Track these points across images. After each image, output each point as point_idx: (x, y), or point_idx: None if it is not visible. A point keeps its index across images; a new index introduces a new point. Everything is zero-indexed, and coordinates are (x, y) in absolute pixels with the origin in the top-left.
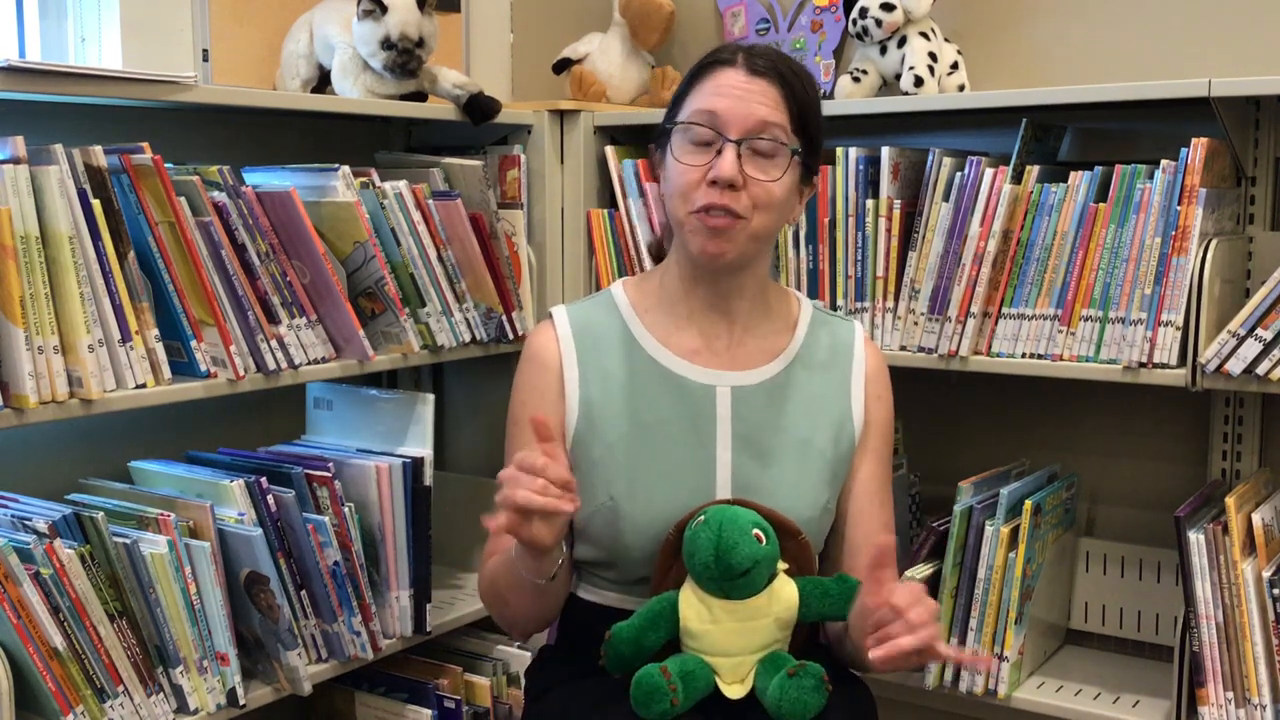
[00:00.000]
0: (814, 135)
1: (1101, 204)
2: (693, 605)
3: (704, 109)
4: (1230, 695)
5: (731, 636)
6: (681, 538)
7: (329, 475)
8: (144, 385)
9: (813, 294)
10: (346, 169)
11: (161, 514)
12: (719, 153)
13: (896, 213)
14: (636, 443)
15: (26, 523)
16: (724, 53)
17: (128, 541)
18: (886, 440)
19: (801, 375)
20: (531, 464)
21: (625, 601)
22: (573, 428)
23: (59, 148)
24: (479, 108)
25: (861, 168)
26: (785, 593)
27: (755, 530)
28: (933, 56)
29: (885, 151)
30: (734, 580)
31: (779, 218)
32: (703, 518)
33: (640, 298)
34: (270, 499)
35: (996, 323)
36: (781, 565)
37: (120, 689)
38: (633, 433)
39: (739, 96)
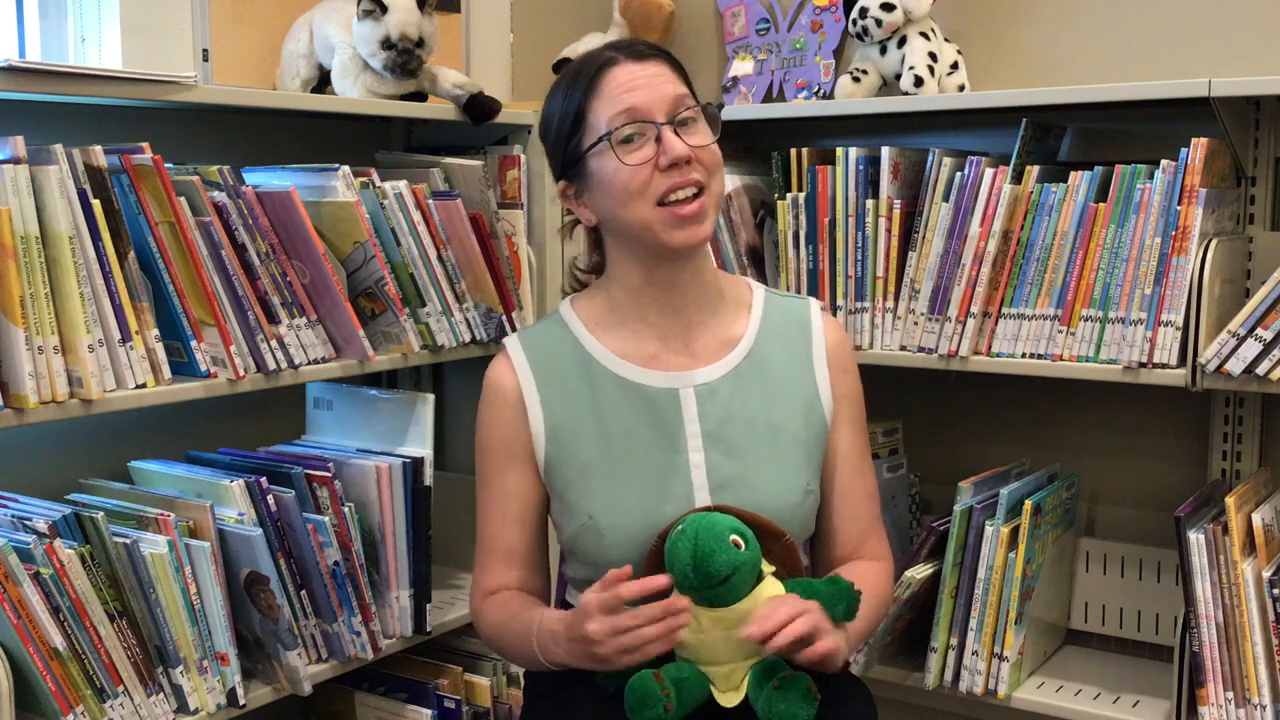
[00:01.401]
0: (695, 92)
1: (1101, 204)
2: None
3: (620, 110)
4: (1230, 695)
5: (720, 644)
6: (664, 550)
7: (329, 475)
8: (144, 385)
9: (813, 293)
10: (346, 169)
11: (161, 514)
12: (657, 140)
13: (896, 213)
14: (609, 458)
15: (26, 523)
16: (599, 60)
17: (128, 541)
18: (858, 408)
19: (763, 361)
20: (616, 604)
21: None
22: (543, 453)
23: (59, 148)
24: (479, 108)
25: (861, 168)
26: (772, 595)
27: (733, 536)
28: (933, 56)
29: (885, 151)
30: (715, 588)
31: (724, 179)
32: (680, 527)
33: (590, 313)
34: (270, 499)
35: (996, 323)
36: (768, 568)
37: (120, 689)
38: (604, 449)
39: (644, 84)
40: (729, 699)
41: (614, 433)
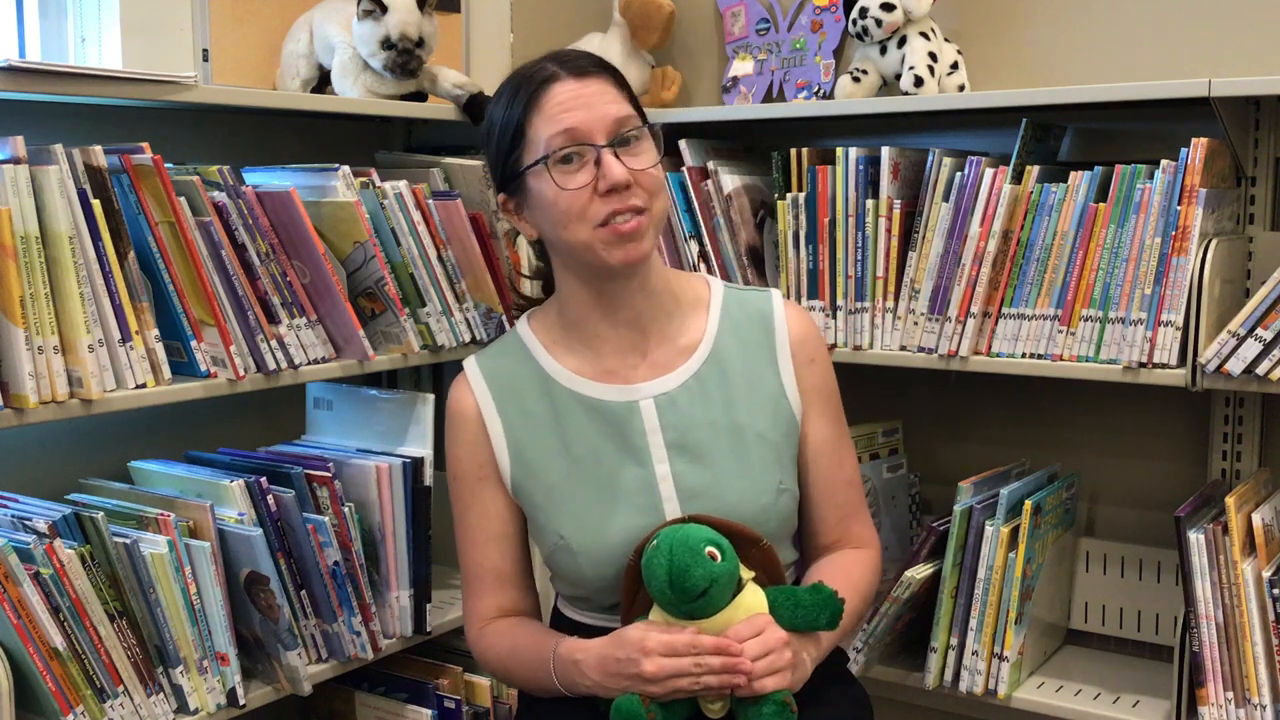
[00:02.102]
0: (641, 108)
1: (1101, 204)
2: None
3: (559, 131)
4: (1230, 695)
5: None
6: (640, 565)
7: (329, 475)
8: (144, 385)
9: (813, 294)
10: (346, 169)
11: (161, 514)
12: (597, 163)
13: (896, 213)
14: (575, 478)
15: (26, 523)
16: (540, 72)
17: (128, 541)
18: (831, 398)
19: (724, 362)
20: (683, 649)
21: (607, 621)
22: (508, 475)
23: (59, 148)
24: (479, 108)
25: (861, 168)
26: (753, 604)
27: (709, 548)
28: (933, 56)
29: (885, 151)
30: (693, 602)
31: (667, 198)
32: (655, 542)
33: (545, 331)
34: (270, 499)
35: (996, 323)
36: (748, 574)
37: (120, 689)
38: (569, 469)
39: (584, 104)
40: (715, 710)
41: (578, 452)
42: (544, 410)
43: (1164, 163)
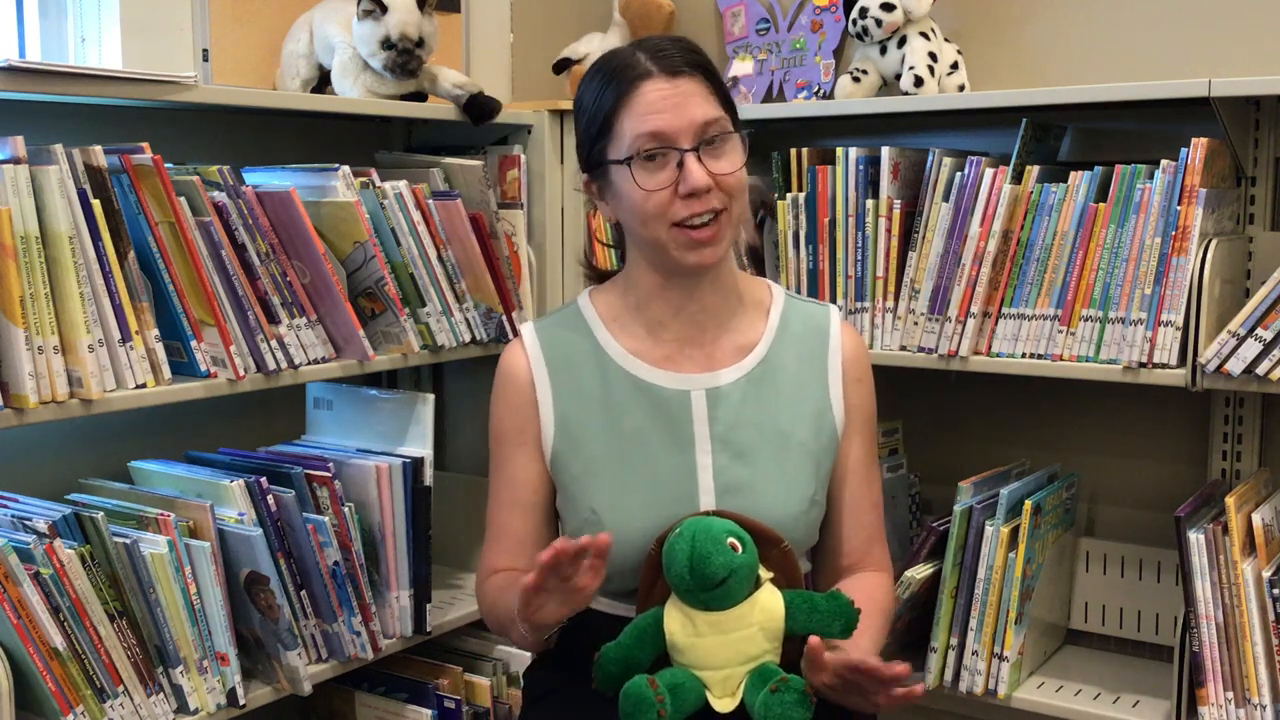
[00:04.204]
0: (733, 103)
1: (1101, 204)
2: (676, 619)
3: (646, 132)
4: (1230, 695)
5: (716, 649)
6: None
7: (329, 475)
8: (144, 385)
9: (813, 294)
10: (346, 169)
11: (161, 514)
12: (680, 165)
13: (896, 213)
14: (616, 455)
15: (26, 523)
16: (635, 66)
17: (128, 541)
18: (869, 420)
19: (777, 367)
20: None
21: (623, 609)
22: (550, 444)
23: (59, 148)
24: (479, 108)
25: (861, 168)
26: (769, 603)
27: (730, 539)
28: (933, 56)
29: (885, 151)
30: (711, 590)
31: (746, 197)
32: (678, 530)
33: (607, 308)
34: (270, 499)
35: (996, 323)
36: (767, 575)
37: (120, 689)
38: (611, 445)
39: (673, 105)
40: (724, 704)
41: (623, 430)
42: (595, 385)
43: (1164, 163)
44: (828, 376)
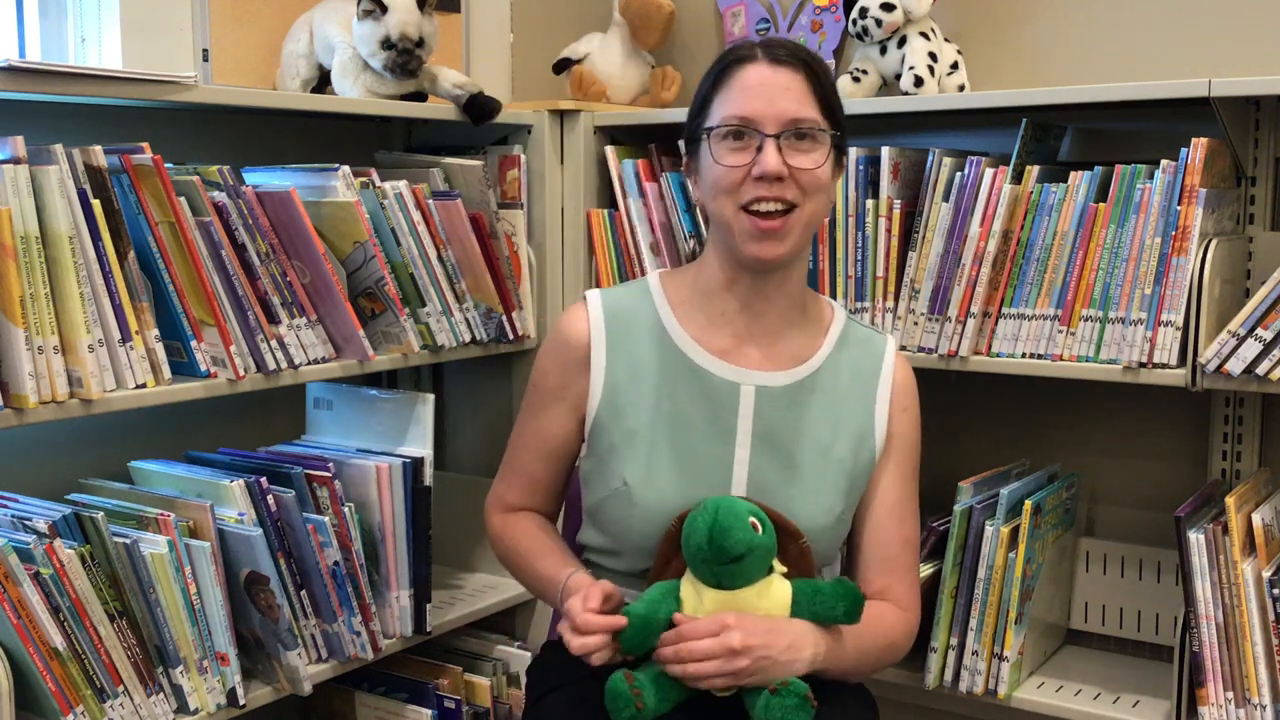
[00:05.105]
0: (840, 117)
1: (1101, 204)
2: (686, 593)
3: (734, 113)
4: (1230, 695)
5: None
6: (682, 529)
7: (329, 475)
8: (144, 385)
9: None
10: (346, 169)
11: (161, 514)
12: (759, 148)
13: (896, 213)
14: (656, 432)
15: (26, 523)
16: (742, 49)
17: (128, 541)
18: (911, 455)
19: (827, 383)
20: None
21: (630, 594)
22: (594, 410)
23: (59, 148)
24: (479, 108)
25: (861, 168)
26: (778, 591)
27: (752, 519)
28: (933, 56)
29: (885, 151)
30: (726, 565)
31: (826, 202)
32: (702, 505)
33: (675, 291)
34: (270, 499)
35: (996, 323)
36: (780, 568)
37: (120, 689)
38: (654, 422)
39: (767, 92)
40: (722, 690)
41: (669, 410)
42: (651, 361)
43: (1164, 163)
44: (875, 401)
